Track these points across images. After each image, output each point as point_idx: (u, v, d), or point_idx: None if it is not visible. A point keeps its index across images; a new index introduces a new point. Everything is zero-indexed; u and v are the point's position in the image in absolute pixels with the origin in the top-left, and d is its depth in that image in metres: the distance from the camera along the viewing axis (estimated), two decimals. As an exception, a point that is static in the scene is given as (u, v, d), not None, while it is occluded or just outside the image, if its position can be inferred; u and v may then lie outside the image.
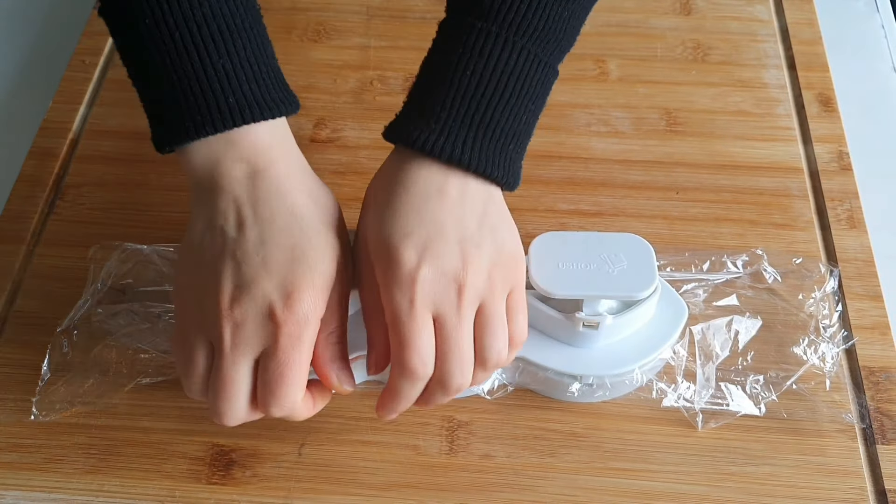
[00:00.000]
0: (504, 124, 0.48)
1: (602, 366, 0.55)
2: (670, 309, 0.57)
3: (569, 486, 0.55)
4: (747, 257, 0.62)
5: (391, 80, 0.77)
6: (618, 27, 0.80)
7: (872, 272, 0.64)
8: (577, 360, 0.56)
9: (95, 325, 0.58)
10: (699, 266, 0.61)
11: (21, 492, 0.55)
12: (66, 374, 0.58)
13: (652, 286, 0.54)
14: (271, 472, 0.55)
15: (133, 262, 0.61)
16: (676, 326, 0.57)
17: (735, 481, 0.55)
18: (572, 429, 0.57)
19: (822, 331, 0.59)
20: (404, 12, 0.82)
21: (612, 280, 0.54)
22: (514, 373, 0.57)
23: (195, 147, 0.47)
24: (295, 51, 0.79)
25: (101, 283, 0.60)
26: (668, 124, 0.73)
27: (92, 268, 0.61)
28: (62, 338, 0.58)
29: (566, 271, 0.54)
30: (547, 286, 0.53)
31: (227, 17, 0.46)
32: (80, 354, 0.58)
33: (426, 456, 0.56)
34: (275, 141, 0.48)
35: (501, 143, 0.48)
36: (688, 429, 0.57)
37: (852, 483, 0.54)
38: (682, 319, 0.57)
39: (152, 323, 0.58)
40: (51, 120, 0.73)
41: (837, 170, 0.70)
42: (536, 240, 0.56)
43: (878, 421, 0.57)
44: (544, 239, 0.56)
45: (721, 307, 0.60)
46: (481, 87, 0.47)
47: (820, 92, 0.75)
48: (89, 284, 0.60)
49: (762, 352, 0.59)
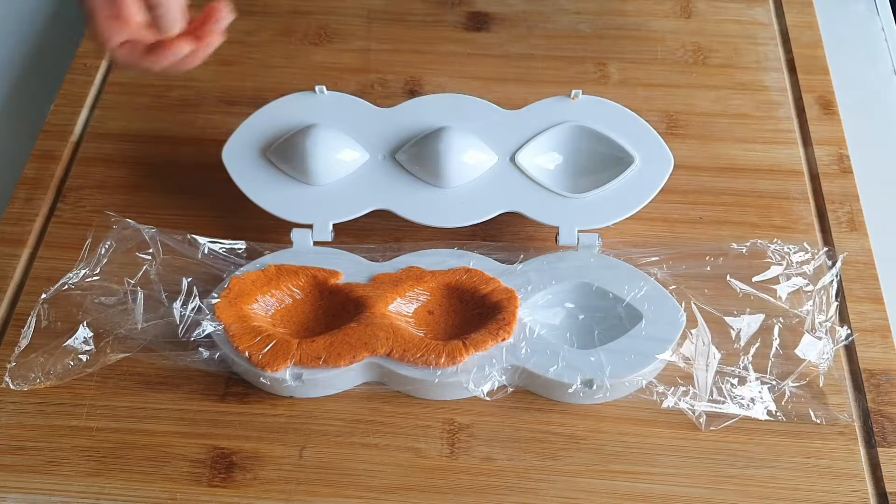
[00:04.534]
0: None
1: (601, 371, 0.56)
2: (667, 314, 0.58)
3: (569, 489, 0.55)
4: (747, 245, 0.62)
5: (392, 83, 0.77)
6: (618, 30, 0.80)
7: (873, 274, 0.64)
8: (577, 365, 0.56)
9: (77, 298, 0.58)
10: (703, 258, 0.61)
11: (21, 494, 0.55)
12: (46, 344, 0.57)
13: None
14: (272, 475, 0.55)
15: (133, 243, 0.61)
16: (675, 332, 0.57)
17: (736, 484, 0.55)
18: (573, 431, 0.57)
19: (819, 327, 0.58)
20: (405, 16, 0.82)
21: None
22: (514, 375, 0.57)
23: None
24: (296, 54, 0.79)
25: (97, 257, 0.59)
26: (668, 127, 0.73)
27: (89, 241, 0.61)
28: (45, 306, 0.57)
29: None
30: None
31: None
32: (60, 326, 0.58)
33: (427, 459, 0.56)
34: None
35: None
36: (689, 431, 0.57)
37: (853, 486, 0.54)
38: (679, 325, 0.57)
39: (126, 303, 0.58)
40: (52, 123, 0.73)
41: (838, 172, 0.70)
42: None
43: (878, 423, 0.57)
44: None
45: (722, 305, 0.60)
46: None
47: (820, 95, 0.75)
48: (83, 256, 0.60)
49: (762, 353, 0.58)
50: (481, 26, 0.81)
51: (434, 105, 0.66)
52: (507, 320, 0.57)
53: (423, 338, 0.58)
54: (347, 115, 0.66)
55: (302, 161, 0.63)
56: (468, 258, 0.61)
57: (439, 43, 0.80)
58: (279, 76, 0.77)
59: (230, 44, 0.79)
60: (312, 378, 0.56)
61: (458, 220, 0.63)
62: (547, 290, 0.60)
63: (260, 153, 0.65)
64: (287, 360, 0.56)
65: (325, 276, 0.60)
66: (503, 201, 0.63)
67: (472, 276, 0.60)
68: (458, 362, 0.56)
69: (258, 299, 0.59)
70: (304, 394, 0.58)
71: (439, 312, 0.60)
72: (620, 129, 0.65)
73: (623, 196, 0.63)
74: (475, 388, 0.56)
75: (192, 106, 0.74)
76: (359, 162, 0.64)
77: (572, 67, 0.78)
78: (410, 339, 0.57)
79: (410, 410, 0.58)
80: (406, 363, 0.56)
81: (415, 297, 0.60)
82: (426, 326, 0.59)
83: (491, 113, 0.66)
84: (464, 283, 0.60)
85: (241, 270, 0.60)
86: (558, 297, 0.60)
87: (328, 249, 0.62)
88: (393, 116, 0.66)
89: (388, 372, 0.57)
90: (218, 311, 0.58)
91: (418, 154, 0.64)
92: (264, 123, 0.66)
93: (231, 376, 0.59)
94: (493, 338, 0.56)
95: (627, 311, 0.58)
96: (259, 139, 0.65)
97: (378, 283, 0.60)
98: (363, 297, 0.59)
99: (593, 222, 0.62)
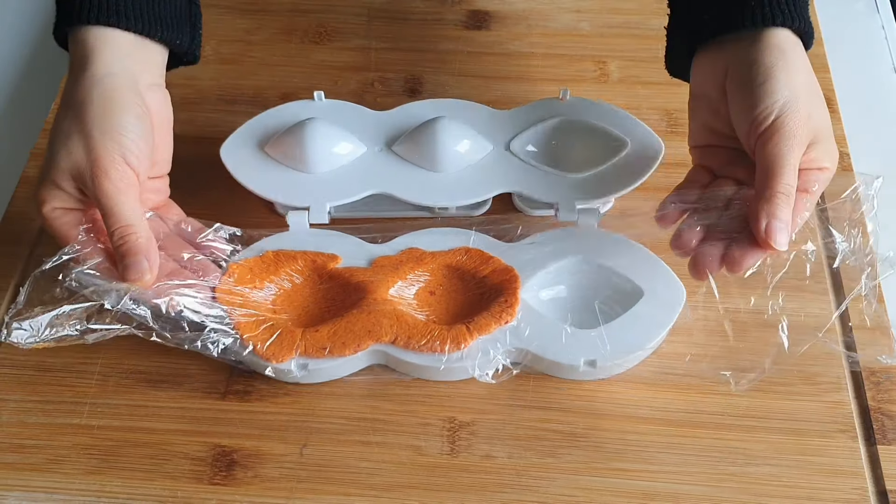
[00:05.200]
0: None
1: (604, 349, 0.56)
2: (669, 288, 0.58)
3: (569, 487, 0.55)
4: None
5: (392, 81, 0.77)
6: (618, 28, 0.80)
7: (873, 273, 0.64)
8: (581, 345, 0.57)
9: (71, 275, 0.56)
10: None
11: (23, 492, 0.55)
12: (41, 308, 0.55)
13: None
14: (273, 473, 0.55)
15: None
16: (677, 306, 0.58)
17: (736, 482, 0.55)
18: (573, 429, 0.57)
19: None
20: (405, 14, 0.82)
21: None
22: (519, 356, 0.57)
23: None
24: (296, 52, 0.79)
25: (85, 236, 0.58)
26: (668, 125, 0.73)
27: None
28: (39, 278, 0.56)
29: None
30: None
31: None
32: (59, 293, 0.56)
33: (427, 456, 0.56)
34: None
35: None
36: (688, 429, 0.57)
37: (853, 483, 0.55)
38: (680, 298, 0.58)
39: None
40: (53, 121, 0.73)
41: (838, 170, 0.69)
42: None
43: (878, 421, 0.57)
44: None
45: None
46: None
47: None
48: (78, 232, 0.58)
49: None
50: (481, 24, 0.81)
51: (429, 107, 0.67)
52: (510, 302, 0.57)
53: (428, 323, 0.58)
54: (345, 117, 0.67)
55: (300, 150, 0.63)
56: (467, 236, 0.61)
57: (439, 41, 0.80)
58: (279, 75, 0.77)
59: (231, 42, 0.80)
60: (318, 368, 0.57)
61: (455, 199, 0.63)
62: (548, 267, 0.60)
63: (258, 149, 0.65)
64: (292, 350, 0.56)
65: (325, 260, 0.60)
66: (500, 183, 0.64)
67: (471, 255, 0.60)
68: (462, 348, 0.56)
69: (257, 285, 0.59)
70: (310, 380, 0.58)
71: (441, 293, 0.60)
72: (611, 123, 0.66)
73: (619, 175, 0.63)
74: (481, 373, 0.56)
75: (192, 104, 0.74)
76: (356, 153, 0.65)
77: (572, 66, 0.78)
78: (415, 326, 0.57)
79: (411, 408, 0.58)
80: (411, 350, 0.56)
81: (415, 278, 0.60)
82: (428, 307, 0.60)
83: (483, 113, 0.67)
84: (464, 263, 0.60)
85: (238, 256, 0.60)
86: (559, 274, 0.60)
87: (325, 231, 0.62)
88: (389, 118, 0.67)
89: (392, 358, 0.57)
90: (219, 297, 0.58)
91: (415, 142, 0.64)
92: (262, 126, 0.66)
93: (235, 366, 0.59)
94: (496, 321, 0.57)
95: (629, 286, 0.59)
96: (257, 139, 0.65)
97: (378, 268, 0.60)
98: (364, 281, 0.59)
99: (592, 196, 0.63)
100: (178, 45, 0.60)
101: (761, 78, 0.54)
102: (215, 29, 0.79)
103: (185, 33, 0.60)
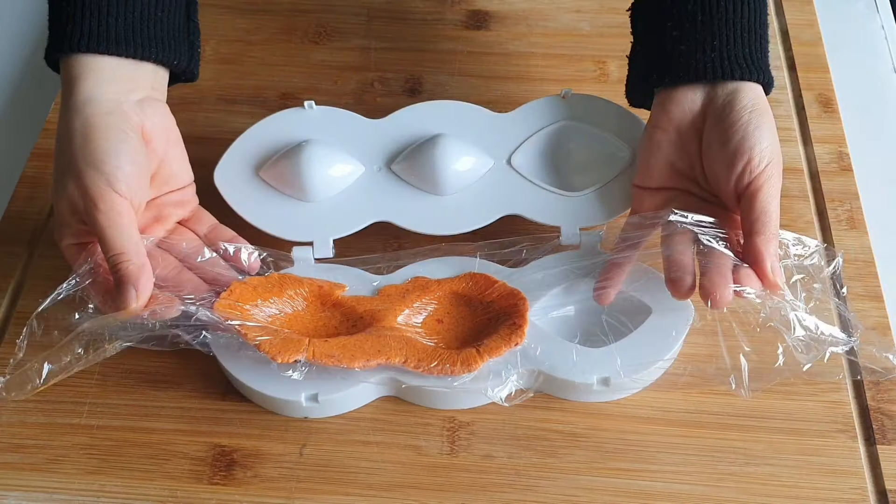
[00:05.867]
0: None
1: (616, 368, 0.56)
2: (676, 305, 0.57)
3: (570, 487, 0.55)
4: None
5: (392, 81, 0.77)
6: (618, 28, 0.80)
7: (873, 272, 0.64)
8: (594, 363, 0.56)
9: (69, 308, 0.56)
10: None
11: (22, 492, 0.55)
12: (39, 355, 0.55)
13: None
14: (273, 473, 0.55)
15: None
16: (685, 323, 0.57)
17: (735, 481, 0.55)
18: (573, 429, 0.57)
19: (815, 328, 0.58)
20: (405, 14, 0.82)
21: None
22: (531, 378, 0.57)
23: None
24: (296, 52, 0.79)
25: (88, 265, 0.57)
26: (668, 125, 0.73)
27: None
28: (38, 320, 0.55)
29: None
30: None
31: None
32: (52, 339, 0.56)
33: (427, 456, 0.56)
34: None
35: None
36: (688, 429, 0.57)
37: (853, 483, 0.55)
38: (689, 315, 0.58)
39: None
40: (53, 121, 0.73)
41: (837, 170, 0.70)
42: None
43: (878, 421, 0.57)
44: None
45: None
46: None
47: (820, 93, 0.75)
48: (79, 265, 0.59)
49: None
50: (481, 24, 0.81)
51: (425, 112, 0.65)
52: (518, 324, 0.57)
53: (437, 347, 0.57)
54: (339, 128, 0.65)
55: (297, 179, 0.61)
56: (472, 263, 0.61)
57: (439, 41, 0.80)
58: (279, 74, 0.77)
59: (230, 42, 0.80)
60: (328, 399, 0.56)
61: (458, 227, 0.62)
62: (554, 290, 0.59)
63: (253, 173, 0.63)
64: (299, 351, 0.54)
65: (330, 287, 0.59)
66: (503, 205, 0.63)
67: (477, 281, 0.60)
68: (472, 369, 0.55)
69: (259, 304, 0.58)
70: (319, 413, 0.57)
71: (449, 321, 0.60)
72: (613, 124, 0.65)
73: (621, 192, 0.63)
74: (493, 395, 0.55)
75: (192, 104, 0.74)
76: (354, 175, 0.63)
77: (572, 65, 0.78)
78: (424, 350, 0.56)
79: (410, 408, 0.58)
80: (422, 373, 0.55)
81: (422, 307, 0.60)
82: (437, 335, 0.59)
83: (483, 117, 0.65)
84: (470, 289, 0.60)
85: (243, 275, 0.60)
86: (566, 296, 0.60)
87: (331, 266, 0.61)
88: (385, 127, 0.65)
89: (403, 386, 0.56)
90: (218, 311, 0.56)
91: (414, 163, 0.63)
92: (254, 143, 0.64)
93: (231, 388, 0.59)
94: (506, 343, 0.56)
95: (636, 305, 0.58)
96: (250, 159, 0.64)
97: (384, 296, 0.59)
98: (370, 310, 0.58)
99: (594, 219, 0.62)
100: (175, 66, 0.59)
101: (752, 125, 0.55)
102: (215, 29, 0.79)
103: (183, 52, 0.59)
